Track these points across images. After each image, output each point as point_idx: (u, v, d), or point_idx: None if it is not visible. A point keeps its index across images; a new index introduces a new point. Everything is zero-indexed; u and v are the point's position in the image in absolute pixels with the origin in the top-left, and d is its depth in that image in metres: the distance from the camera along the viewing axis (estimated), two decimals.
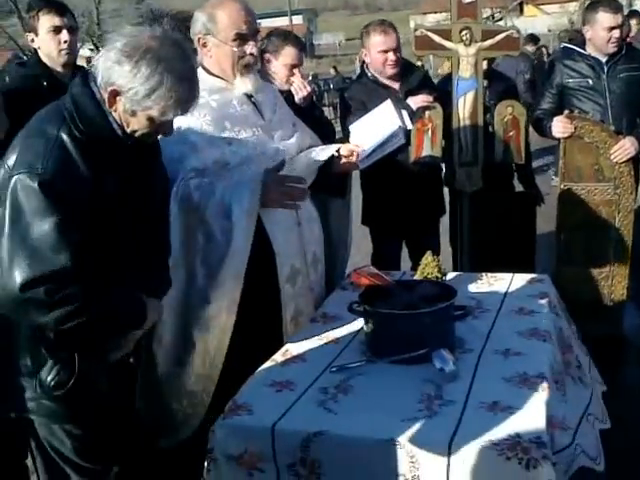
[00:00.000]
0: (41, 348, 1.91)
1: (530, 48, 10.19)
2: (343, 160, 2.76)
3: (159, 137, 2.01)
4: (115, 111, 1.85)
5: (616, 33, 3.64)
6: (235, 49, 2.46)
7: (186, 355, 2.46)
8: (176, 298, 2.39)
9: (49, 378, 1.93)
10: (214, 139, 2.45)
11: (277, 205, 2.36)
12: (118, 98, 1.82)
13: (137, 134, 1.89)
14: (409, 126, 3.37)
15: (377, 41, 3.54)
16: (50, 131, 1.80)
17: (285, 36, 3.34)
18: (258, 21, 2.84)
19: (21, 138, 1.83)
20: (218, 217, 2.35)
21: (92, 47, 28.42)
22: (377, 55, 3.56)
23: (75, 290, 1.77)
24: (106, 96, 1.82)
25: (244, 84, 2.51)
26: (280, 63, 3.28)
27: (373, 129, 3.15)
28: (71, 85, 1.90)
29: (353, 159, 2.76)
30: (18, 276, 1.71)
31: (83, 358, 1.95)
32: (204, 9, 2.48)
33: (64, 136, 1.79)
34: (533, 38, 10.79)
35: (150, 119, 1.85)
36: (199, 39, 2.50)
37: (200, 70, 2.56)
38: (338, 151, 2.75)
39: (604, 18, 3.63)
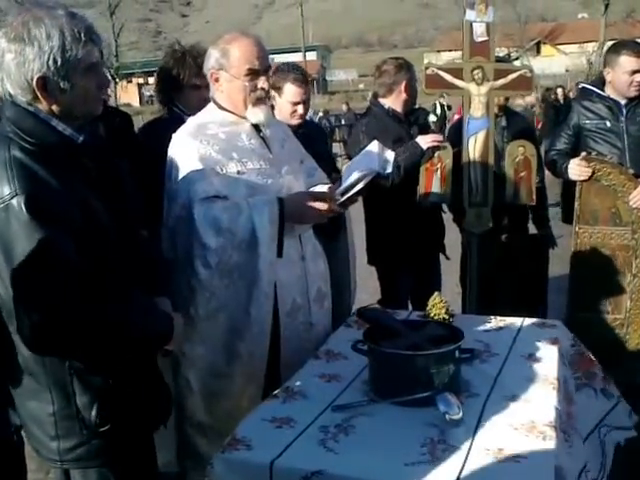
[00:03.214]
0: (72, 385, 1.79)
1: None
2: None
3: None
4: (57, 104, 1.74)
5: (638, 77, 3.59)
6: (246, 84, 2.48)
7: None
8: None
9: (93, 414, 1.80)
10: (220, 172, 2.44)
11: (310, 220, 2.53)
12: (49, 87, 1.71)
13: (88, 106, 1.79)
14: (388, 170, 3.37)
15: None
16: (1, 155, 1.68)
17: (287, 72, 3.32)
18: (272, 56, 2.84)
19: None
20: (246, 234, 2.39)
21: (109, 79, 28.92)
22: None
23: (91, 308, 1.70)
24: (39, 94, 1.71)
25: (255, 114, 2.52)
26: (283, 100, 3.30)
27: (355, 169, 3.06)
28: (2, 112, 1.78)
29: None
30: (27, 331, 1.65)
31: (118, 381, 1.84)
32: (217, 45, 2.51)
33: (17, 153, 1.68)
34: None
35: (87, 70, 1.74)
36: (212, 74, 2.53)
37: (211, 104, 2.59)
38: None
39: (626, 62, 3.58)
